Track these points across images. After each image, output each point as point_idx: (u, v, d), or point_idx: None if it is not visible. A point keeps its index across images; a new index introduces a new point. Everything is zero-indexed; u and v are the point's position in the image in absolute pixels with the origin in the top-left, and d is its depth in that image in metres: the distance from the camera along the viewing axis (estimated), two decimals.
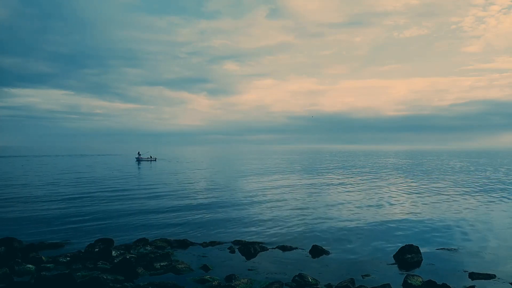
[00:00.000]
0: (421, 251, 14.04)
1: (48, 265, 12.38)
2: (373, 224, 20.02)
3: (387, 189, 35.93)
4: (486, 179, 46.99)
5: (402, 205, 26.30)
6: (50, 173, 53.07)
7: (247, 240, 16.17)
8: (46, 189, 34.00)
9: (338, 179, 46.73)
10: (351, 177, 48.88)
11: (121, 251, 13.95)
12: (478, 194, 32.32)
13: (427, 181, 43.47)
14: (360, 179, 45.90)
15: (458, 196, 31.01)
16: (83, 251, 13.99)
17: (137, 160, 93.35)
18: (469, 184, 40.34)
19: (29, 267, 12.00)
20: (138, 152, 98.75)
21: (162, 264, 12.69)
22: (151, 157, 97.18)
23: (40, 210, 23.43)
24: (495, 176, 51.78)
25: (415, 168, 69.81)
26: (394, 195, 31.32)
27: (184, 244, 15.53)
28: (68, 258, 13.05)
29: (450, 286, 10.65)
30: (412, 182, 42.94)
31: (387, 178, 48.17)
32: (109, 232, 17.41)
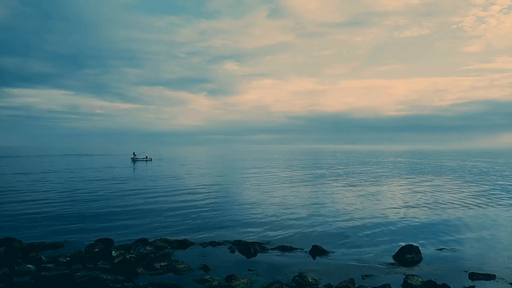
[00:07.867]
0: (421, 251, 14.05)
1: (48, 265, 12.38)
2: (373, 224, 20.01)
3: (387, 188, 35.94)
4: (486, 178, 47.00)
5: (403, 204, 26.29)
6: (50, 173, 53.05)
7: (247, 240, 16.16)
8: (46, 189, 33.99)
9: (338, 179, 46.73)
10: (351, 177, 48.88)
11: (121, 251, 13.95)
12: (478, 193, 32.32)
13: (427, 181, 43.47)
14: (360, 179, 45.89)
15: (459, 195, 31.01)
16: (83, 251, 13.98)
17: (132, 160, 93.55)
18: (469, 184, 40.34)
19: (29, 267, 12.00)
20: (134, 153, 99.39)
21: (162, 264, 12.68)
22: (146, 157, 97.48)
23: (40, 210, 23.42)
24: (497, 176, 51.78)
25: (415, 167, 69.82)
26: (394, 195, 31.32)
27: (184, 244, 15.53)
28: (68, 258, 13.05)
29: (450, 286, 10.64)
30: (412, 181, 42.95)
31: (387, 178, 48.18)
32: (109, 232, 17.41)
